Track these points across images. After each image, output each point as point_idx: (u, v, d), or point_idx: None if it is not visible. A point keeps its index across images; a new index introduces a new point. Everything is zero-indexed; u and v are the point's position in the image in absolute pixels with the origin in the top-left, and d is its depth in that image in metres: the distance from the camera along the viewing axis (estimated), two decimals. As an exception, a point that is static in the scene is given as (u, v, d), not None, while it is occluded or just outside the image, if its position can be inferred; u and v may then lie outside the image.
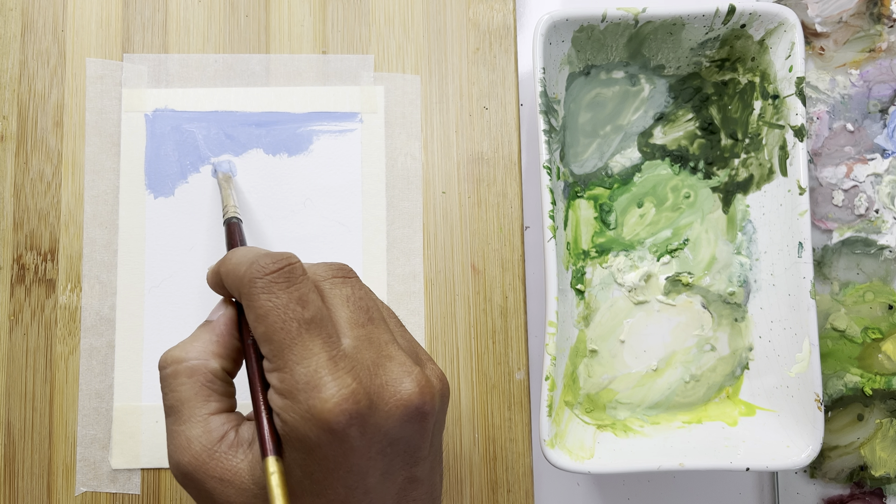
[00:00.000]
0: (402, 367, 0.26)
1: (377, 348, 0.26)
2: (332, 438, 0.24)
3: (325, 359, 0.24)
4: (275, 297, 0.25)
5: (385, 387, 0.25)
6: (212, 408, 0.26)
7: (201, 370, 0.27)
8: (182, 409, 0.26)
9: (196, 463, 0.25)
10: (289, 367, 0.24)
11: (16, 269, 0.39)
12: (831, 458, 0.40)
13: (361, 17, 0.41)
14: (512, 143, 0.41)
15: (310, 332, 0.25)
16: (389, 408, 0.25)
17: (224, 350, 0.28)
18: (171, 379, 0.27)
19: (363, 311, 0.27)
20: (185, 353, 0.27)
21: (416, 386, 0.25)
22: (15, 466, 0.38)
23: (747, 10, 0.37)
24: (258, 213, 0.40)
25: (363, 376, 0.25)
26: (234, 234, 0.34)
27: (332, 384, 0.24)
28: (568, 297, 0.39)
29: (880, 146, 0.41)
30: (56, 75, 0.40)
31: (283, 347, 0.25)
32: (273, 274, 0.25)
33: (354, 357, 0.25)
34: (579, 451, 0.36)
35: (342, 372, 0.24)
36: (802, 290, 0.36)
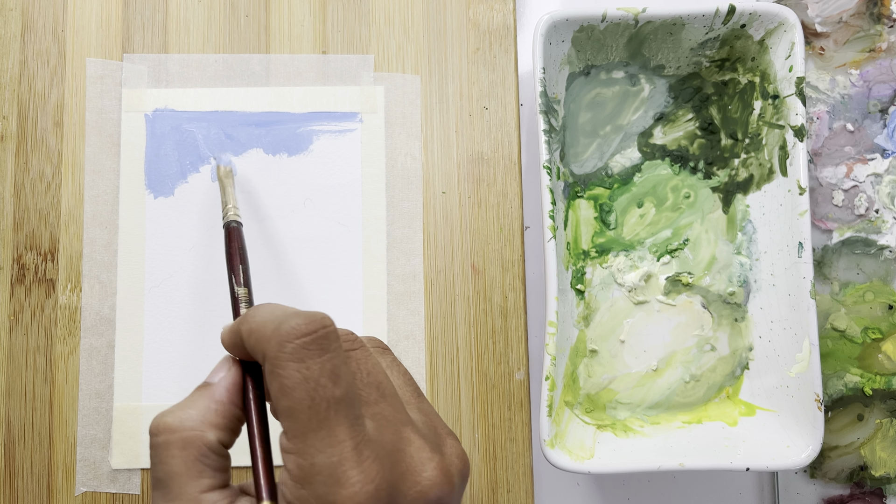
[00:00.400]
0: (421, 453, 0.24)
1: (395, 430, 0.24)
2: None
3: (350, 447, 0.22)
4: (305, 367, 0.22)
5: (405, 476, 0.23)
6: (204, 485, 0.24)
7: (196, 443, 0.24)
8: (171, 485, 0.24)
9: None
10: (310, 453, 0.22)
11: (16, 269, 0.39)
12: (831, 458, 0.40)
13: (361, 17, 0.41)
14: (512, 143, 0.41)
15: (338, 414, 0.22)
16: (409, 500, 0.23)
17: (223, 420, 0.25)
18: (163, 450, 0.24)
19: (374, 387, 0.24)
20: (180, 422, 0.24)
21: (438, 475, 0.23)
22: (15, 466, 0.38)
23: (747, 10, 0.37)
24: (258, 213, 0.40)
25: (385, 466, 0.23)
26: (232, 241, 0.31)
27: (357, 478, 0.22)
28: (568, 297, 0.39)
29: (880, 146, 0.41)
30: (56, 75, 0.40)
31: (308, 430, 0.22)
32: (306, 338, 0.23)
33: (377, 442, 0.23)
34: (579, 451, 0.36)
35: (367, 462, 0.22)
36: (802, 290, 0.36)
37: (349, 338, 0.25)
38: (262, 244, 0.40)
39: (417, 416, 0.26)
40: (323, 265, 0.40)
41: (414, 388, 0.27)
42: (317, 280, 0.39)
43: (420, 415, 0.26)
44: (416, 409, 0.26)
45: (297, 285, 0.39)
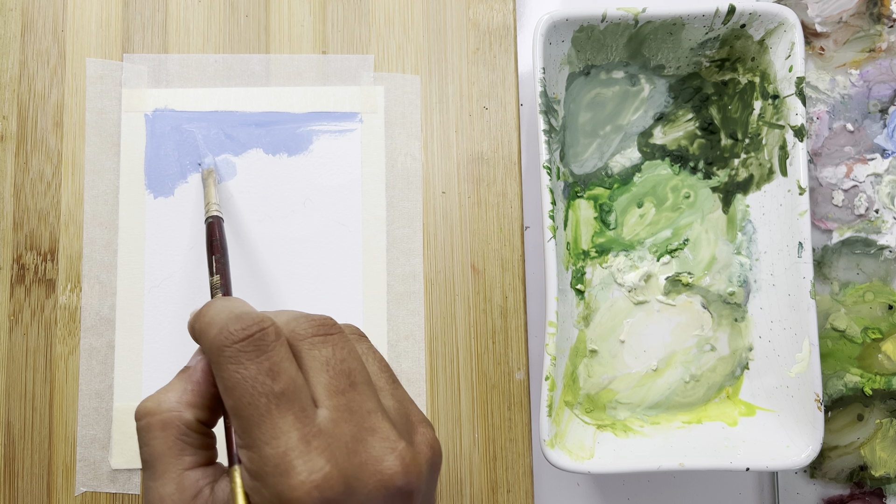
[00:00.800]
0: (384, 443, 0.24)
1: (358, 419, 0.24)
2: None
3: (295, 438, 0.23)
4: (243, 367, 0.23)
5: (364, 466, 0.23)
6: (186, 462, 0.25)
7: (174, 423, 0.25)
8: (156, 465, 0.25)
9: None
10: (257, 446, 0.23)
11: (16, 269, 0.39)
12: (831, 458, 0.40)
13: (361, 17, 0.41)
14: (512, 143, 0.41)
15: (280, 407, 0.23)
16: (369, 490, 0.23)
17: (200, 399, 0.26)
18: (145, 432, 0.25)
19: (344, 375, 0.24)
20: (158, 405, 0.25)
21: (400, 464, 0.23)
22: (15, 466, 0.38)
23: (747, 10, 0.37)
24: (258, 213, 0.40)
25: (339, 456, 0.23)
26: (213, 234, 0.33)
27: (303, 468, 0.22)
28: (568, 297, 0.39)
29: (880, 146, 0.41)
30: (56, 75, 0.40)
31: (252, 425, 0.23)
32: (241, 343, 0.24)
33: (331, 433, 0.23)
34: (579, 451, 0.36)
35: (315, 453, 0.22)
36: (802, 290, 0.36)
37: (326, 323, 0.26)
38: (262, 244, 0.40)
39: (391, 402, 0.26)
40: (323, 265, 0.40)
41: (389, 374, 0.27)
42: (317, 280, 0.39)
43: (393, 401, 0.26)
44: (389, 395, 0.26)
45: (297, 285, 0.39)
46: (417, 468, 0.24)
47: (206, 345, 0.25)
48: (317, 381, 0.24)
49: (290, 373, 0.24)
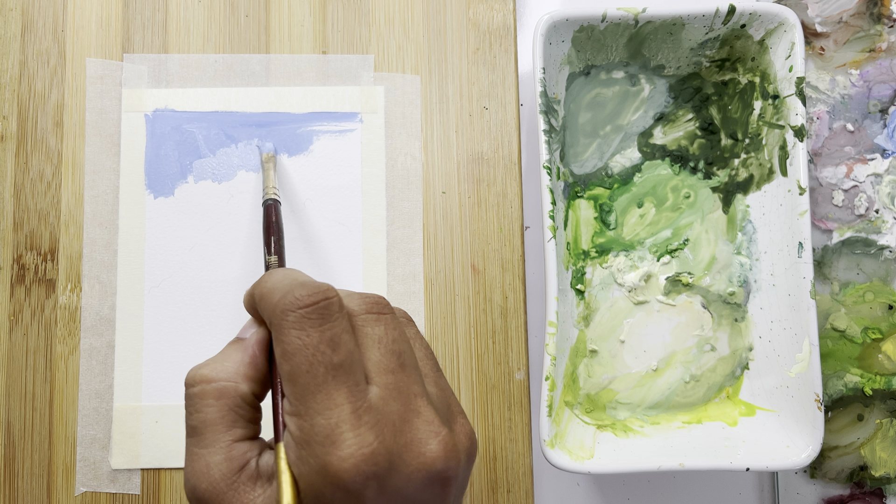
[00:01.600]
0: (429, 426, 0.24)
1: (405, 400, 0.24)
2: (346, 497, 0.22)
3: (348, 411, 0.23)
4: (305, 334, 0.23)
5: (409, 446, 0.24)
6: (236, 434, 0.25)
7: (230, 393, 0.25)
8: (205, 432, 0.25)
9: (214, 491, 0.24)
10: (309, 414, 0.23)
11: (16, 269, 0.39)
12: (831, 458, 0.40)
13: (361, 17, 0.41)
14: (512, 143, 0.41)
15: (336, 379, 0.23)
16: (411, 470, 0.23)
17: (256, 373, 0.26)
18: (198, 399, 0.25)
19: (395, 355, 0.25)
20: (216, 373, 0.25)
21: (443, 449, 0.24)
22: (15, 466, 0.38)
23: (747, 10, 0.37)
24: (258, 213, 0.40)
25: (386, 433, 0.23)
26: (269, 215, 0.33)
27: (353, 441, 0.22)
28: (568, 297, 0.39)
29: (880, 146, 0.41)
30: (56, 75, 0.40)
31: (307, 393, 0.23)
32: (307, 308, 0.24)
33: (380, 409, 0.23)
34: (579, 451, 0.36)
35: (365, 427, 0.23)
36: (802, 290, 0.36)
37: (380, 302, 0.26)
38: (262, 244, 0.40)
39: (434, 389, 0.26)
40: (323, 265, 0.40)
41: (434, 362, 0.27)
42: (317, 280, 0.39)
43: (436, 389, 0.26)
44: (433, 382, 0.26)
45: (297, 285, 0.39)
46: (457, 456, 0.24)
47: (269, 309, 0.25)
48: (368, 357, 0.24)
49: (348, 346, 0.24)
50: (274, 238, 0.33)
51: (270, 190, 0.35)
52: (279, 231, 0.33)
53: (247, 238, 0.40)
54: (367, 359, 0.24)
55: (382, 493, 0.23)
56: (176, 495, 0.38)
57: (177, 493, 0.38)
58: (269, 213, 0.34)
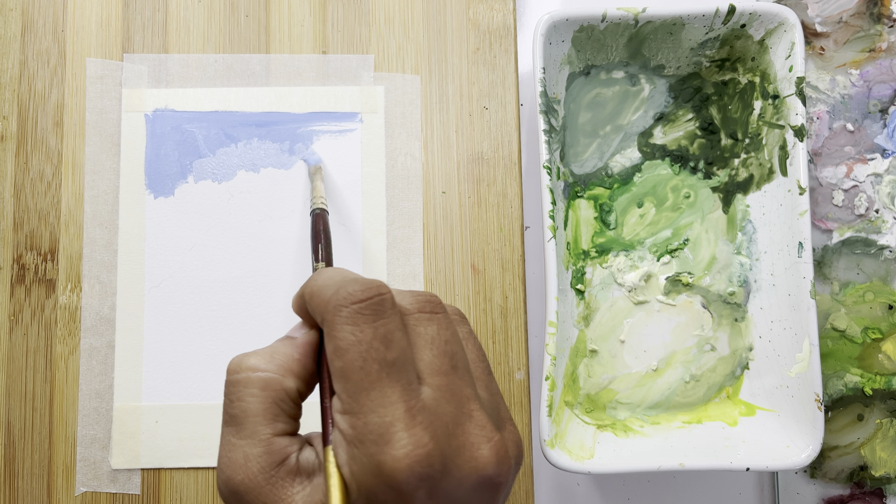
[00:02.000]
0: (481, 431, 0.23)
1: (457, 403, 0.23)
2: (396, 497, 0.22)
3: (402, 410, 0.22)
4: (359, 330, 0.23)
5: (461, 450, 0.23)
6: (278, 428, 0.24)
7: (276, 386, 0.24)
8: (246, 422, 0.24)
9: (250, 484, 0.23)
10: (363, 412, 0.22)
11: (16, 269, 0.39)
12: (831, 458, 0.40)
13: (361, 17, 0.41)
14: (512, 143, 0.41)
15: (390, 376, 0.22)
16: (463, 475, 0.23)
17: (303, 371, 0.25)
18: (242, 387, 0.24)
19: (447, 356, 0.24)
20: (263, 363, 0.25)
21: (495, 455, 0.23)
22: (15, 466, 0.38)
23: (747, 10, 0.37)
24: (258, 213, 0.40)
25: (440, 435, 0.22)
26: (318, 224, 0.33)
27: (408, 441, 0.22)
28: (568, 297, 0.39)
29: (880, 146, 0.41)
30: (56, 75, 0.40)
31: (360, 390, 0.22)
32: (360, 304, 0.23)
33: (433, 411, 0.23)
34: (579, 451, 0.36)
35: (419, 427, 0.22)
36: (802, 290, 0.36)
37: (433, 301, 0.25)
38: (262, 244, 0.40)
39: (485, 394, 0.25)
40: (323, 265, 0.40)
41: (486, 365, 0.26)
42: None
43: (487, 393, 0.26)
44: (484, 387, 0.26)
45: (297, 285, 0.39)
46: (508, 462, 0.24)
47: (321, 305, 0.24)
48: (421, 357, 0.24)
49: (402, 343, 0.23)
50: (322, 245, 0.33)
51: (318, 200, 0.36)
52: (327, 238, 0.33)
53: (247, 238, 0.40)
54: (420, 359, 0.24)
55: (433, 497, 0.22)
56: (176, 495, 0.38)
57: (177, 493, 0.38)
58: (317, 222, 0.33)
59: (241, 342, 0.39)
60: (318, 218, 0.34)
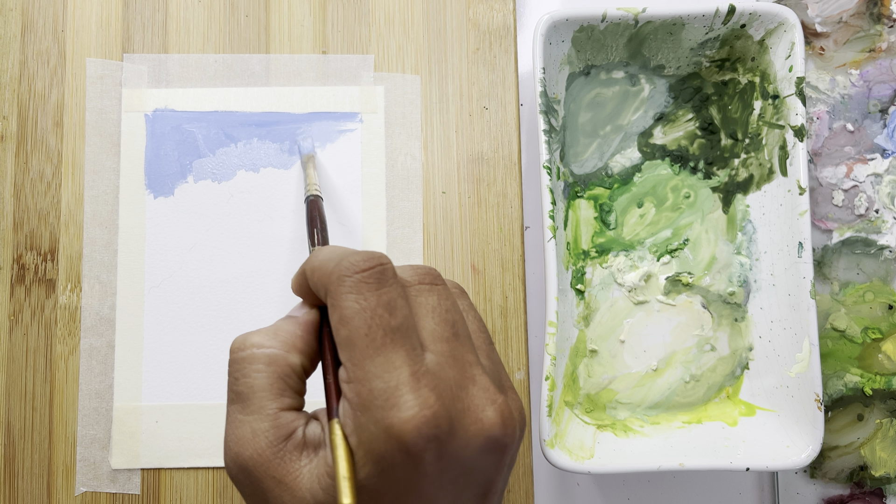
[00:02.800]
0: (485, 393, 0.24)
1: (461, 368, 0.24)
2: (406, 459, 0.22)
3: (407, 374, 0.22)
4: (363, 298, 0.23)
5: (466, 412, 0.23)
6: (284, 403, 0.24)
7: (281, 361, 0.25)
8: (252, 398, 0.24)
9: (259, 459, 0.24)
10: (368, 379, 0.23)
11: (16, 269, 0.39)
12: (831, 458, 0.40)
13: (361, 17, 0.41)
14: (512, 143, 0.41)
15: (394, 342, 0.23)
16: (469, 435, 0.23)
17: (306, 347, 0.26)
18: (247, 364, 0.25)
19: (448, 324, 0.25)
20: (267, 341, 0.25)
21: (499, 416, 0.24)
22: (15, 466, 0.38)
23: (747, 10, 0.37)
24: (258, 213, 0.40)
25: (446, 397, 0.23)
26: (312, 210, 0.33)
27: (413, 402, 0.22)
28: (568, 297, 0.39)
29: (880, 146, 0.41)
30: (56, 75, 0.40)
31: (365, 357, 0.23)
32: (363, 273, 0.24)
33: (438, 375, 0.23)
34: (579, 451, 0.36)
35: (425, 389, 0.22)
36: (802, 290, 0.36)
37: (432, 273, 0.26)
38: (262, 244, 0.40)
39: (486, 362, 0.26)
40: (323, 265, 0.40)
41: (487, 336, 0.27)
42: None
43: (489, 362, 0.26)
44: (485, 355, 0.26)
45: (297, 285, 0.39)
46: (513, 424, 0.24)
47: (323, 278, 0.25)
48: (423, 326, 0.24)
49: (405, 311, 0.24)
50: (318, 229, 0.33)
51: (312, 187, 0.36)
52: (322, 223, 0.34)
53: (247, 238, 0.40)
54: (422, 328, 0.24)
55: (441, 457, 0.23)
56: (176, 495, 0.38)
57: (177, 493, 0.38)
58: (312, 209, 0.34)
59: (241, 342, 0.39)
60: (312, 204, 0.34)
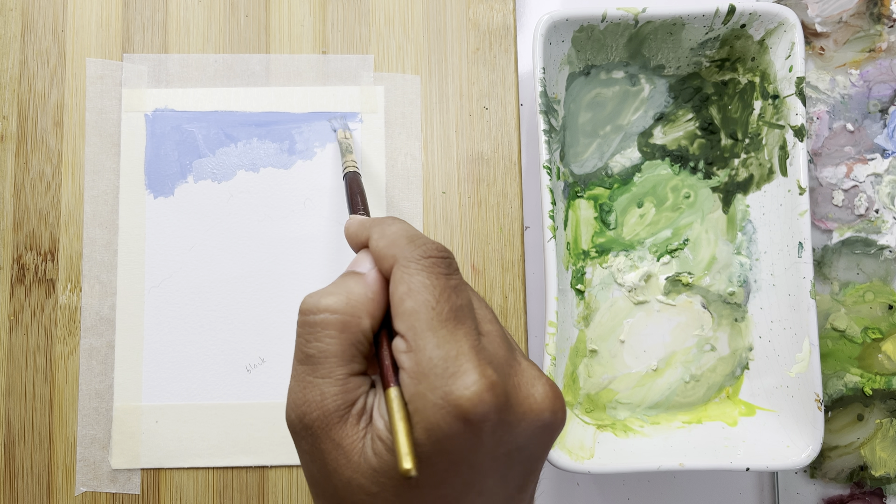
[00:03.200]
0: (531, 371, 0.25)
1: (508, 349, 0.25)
2: (464, 429, 0.22)
3: (467, 347, 0.23)
4: (434, 276, 0.24)
5: (519, 388, 0.24)
6: (353, 368, 0.25)
7: (354, 328, 0.25)
8: (323, 363, 0.25)
9: (324, 421, 0.24)
10: (428, 348, 0.23)
11: (16, 269, 0.39)
12: (831, 458, 0.40)
13: (361, 17, 0.41)
14: (512, 143, 0.41)
15: (458, 318, 0.24)
16: (524, 409, 0.24)
17: (377, 310, 0.26)
18: (320, 328, 0.25)
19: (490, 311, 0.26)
20: (340, 305, 0.25)
21: (550, 392, 0.24)
22: (15, 466, 0.38)
23: (747, 10, 0.37)
24: (258, 213, 0.40)
25: (501, 372, 0.23)
26: (353, 185, 0.34)
27: (474, 372, 0.22)
28: (568, 297, 0.39)
29: (880, 146, 0.41)
30: (56, 75, 0.40)
31: (428, 328, 0.23)
32: (436, 259, 0.25)
33: (492, 352, 0.24)
34: (579, 451, 0.36)
35: (484, 363, 0.23)
36: (802, 290, 0.36)
37: None
38: (261, 244, 0.40)
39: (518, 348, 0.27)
40: (323, 265, 0.40)
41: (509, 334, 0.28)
42: (317, 280, 0.39)
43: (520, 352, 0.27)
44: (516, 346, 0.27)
45: (297, 285, 0.39)
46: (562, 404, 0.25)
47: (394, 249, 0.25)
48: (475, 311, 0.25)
49: (467, 296, 0.25)
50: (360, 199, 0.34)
51: (350, 163, 0.36)
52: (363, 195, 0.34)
53: (247, 238, 0.40)
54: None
55: (497, 429, 0.23)
56: (176, 495, 0.38)
57: (177, 493, 0.38)
58: (352, 184, 0.35)
59: (241, 342, 0.39)
60: (349, 178, 0.35)
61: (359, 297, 0.25)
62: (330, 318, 0.25)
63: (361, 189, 0.34)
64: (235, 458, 0.38)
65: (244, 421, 0.39)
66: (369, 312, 0.25)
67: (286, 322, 0.39)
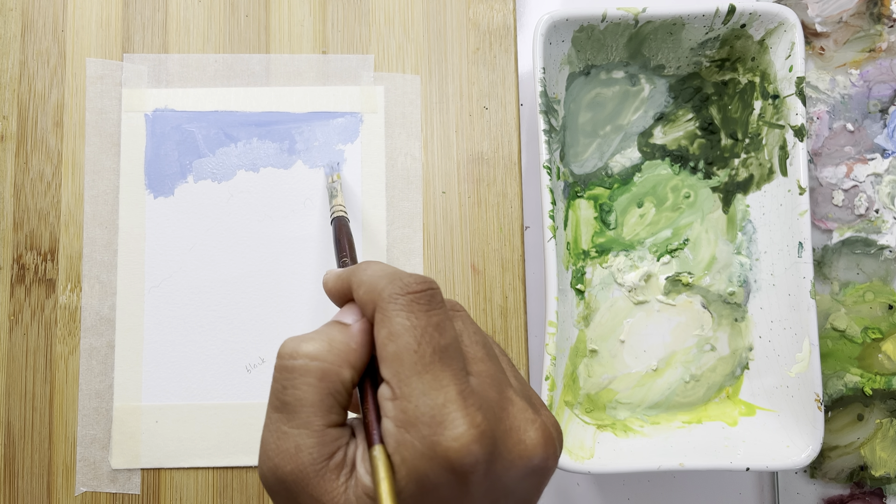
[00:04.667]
0: (524, 414, 0.24)
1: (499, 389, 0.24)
2: (452, 480, 0.22)
3: (454, 392, 0.22)
4: (414, 317, 0.23)
5: (509, 433, 0.23)
6: (331, 419, 0.24)
7: (333, 377, 0.24)
8: (299, 412, 0.24)
9: (299, 475, 0.23)
10: (414, 396, 0.22)
11: (16, 269, 0.39)
12: (831, 458, 0.40)
13: (361, 17, 0.41)
14: (512, 143, 0.41)
15: (443, 361, 0.23)
16: (513, 457, 0.23)
17: (358, 361, 0.25)
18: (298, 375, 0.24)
19: (482, 346, 0.25)
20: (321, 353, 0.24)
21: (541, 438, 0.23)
22: (15, 466, 0.38)
23: (747, 10, 0.37)
24: (258, 213, 0.40)
25: (490, 418, 0.23)
26: (340, 231, 0.34)
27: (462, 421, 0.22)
28: (568, 297, 0.39)
29: (880, 146, 0.41)
30: (56, 75, 0.40)
31: (413, 374, 0.23)
32: (415, 294, 0.24)
33: (482, 395, 0.23)
34: (579, 451, 0.36)
35: (473, 408, 0.22)
36: (802, 290, 0.36)
37: (455, 304, 0.26)
38: (262, 244, 0.40)
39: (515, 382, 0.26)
40: (323, 265, 0.40)
41: (508, 359, 0.27)
42: (317, 280, 0.39)
43: (517, 382, 0.26)
44: (513, 376, 0.26)
45: (297, 285, 0.39)
46: (554, 446, 0.24)
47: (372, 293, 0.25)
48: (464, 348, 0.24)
49: (452, 333, 0.24)
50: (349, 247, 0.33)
51: (338, 208, 0.36)
52: (350, 241, 0.34)
53: (247, 238, 0.40)
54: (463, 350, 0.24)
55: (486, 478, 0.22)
56: (176, 495, 0.38)
57: (177, 493, 0.38)
58: (339, 228, 0.34)
59: (241, 342, 0.39)
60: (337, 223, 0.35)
61: (341, 345, 0.25)
62: (309, 364, 0.24)
63: (349, 234, 0.34)
64: (235, 458, 0.38)
65: (244, 421, 0.39)
66: (350, 363, 0.25)
67: (286, 322, 0.39)
